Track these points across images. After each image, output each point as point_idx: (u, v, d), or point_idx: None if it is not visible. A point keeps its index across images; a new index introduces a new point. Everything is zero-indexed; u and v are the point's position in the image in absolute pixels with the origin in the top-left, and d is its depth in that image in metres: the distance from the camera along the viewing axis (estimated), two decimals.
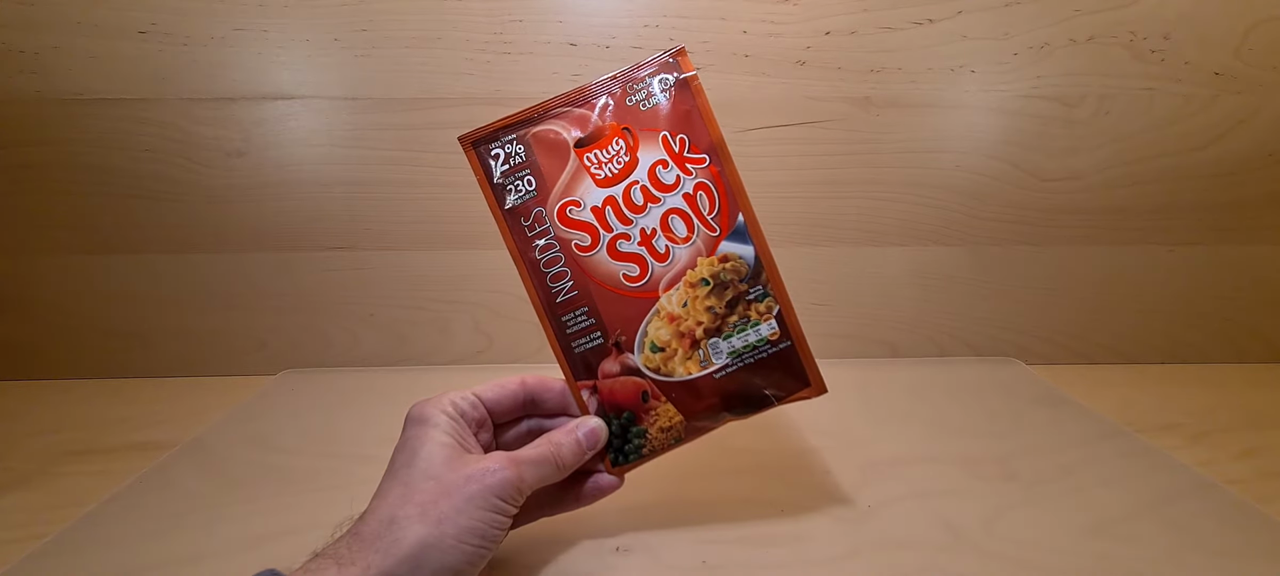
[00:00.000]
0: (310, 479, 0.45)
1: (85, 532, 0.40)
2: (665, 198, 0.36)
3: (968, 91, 0.59)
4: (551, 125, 0.36)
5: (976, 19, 0.58)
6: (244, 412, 0.55)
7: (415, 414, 0.34)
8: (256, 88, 0.58)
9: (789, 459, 0.47)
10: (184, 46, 0.56)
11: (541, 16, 0.57)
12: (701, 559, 0.36)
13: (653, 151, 0.36)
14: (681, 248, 0.36)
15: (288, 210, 0.61)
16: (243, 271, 0.62)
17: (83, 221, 0.60)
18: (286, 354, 0.64)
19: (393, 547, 0.28)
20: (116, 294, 0.62)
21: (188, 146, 0.59)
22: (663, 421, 0.36)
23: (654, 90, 0.36)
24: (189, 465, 0.47)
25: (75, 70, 0.56)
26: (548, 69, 0.58)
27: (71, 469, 0.48)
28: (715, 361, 0.36)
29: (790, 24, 0.57)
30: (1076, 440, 0.49)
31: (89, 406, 0.58)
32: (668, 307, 0.36)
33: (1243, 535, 0.38)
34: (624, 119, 0.36)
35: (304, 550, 0.29)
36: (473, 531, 0.29)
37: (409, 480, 0.30)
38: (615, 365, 0.36)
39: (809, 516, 0.40)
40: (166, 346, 0.64)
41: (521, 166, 0.36)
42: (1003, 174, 0.61)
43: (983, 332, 0.66)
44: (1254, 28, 0.57)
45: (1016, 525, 0.39)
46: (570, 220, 0.36)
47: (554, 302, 0.36)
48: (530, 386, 0.37)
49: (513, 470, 0.31)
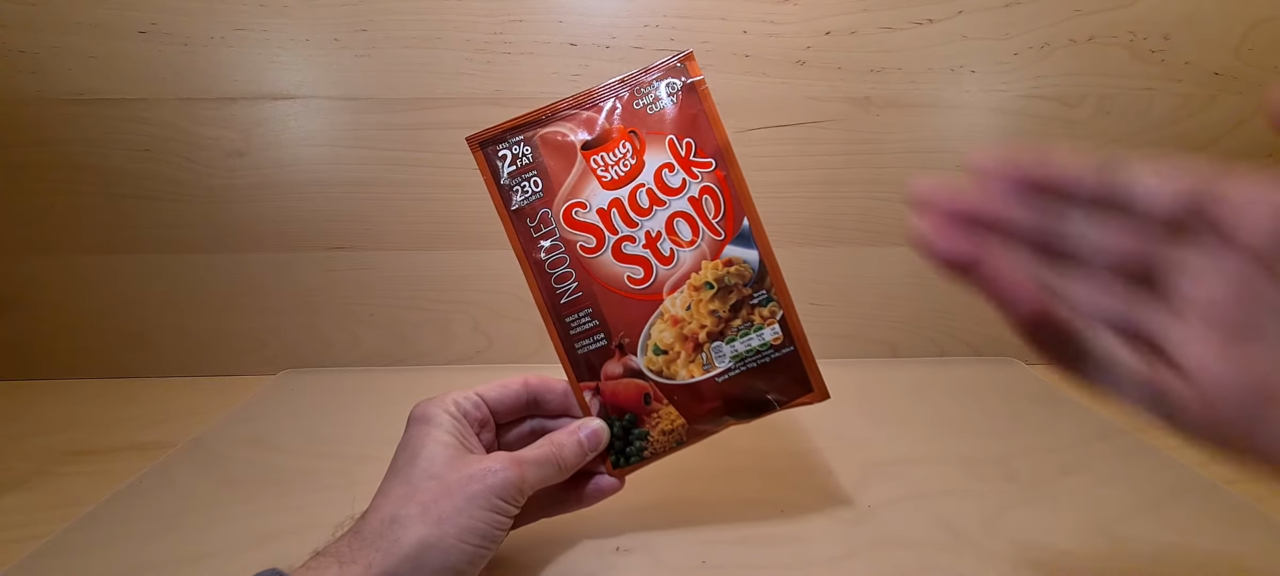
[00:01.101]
0: (310, 479, 0.45)
1: (85, 532, 0.40)
2: (671, 201, 0.36)
3: (968, 91, 0.59)
4: (559, 127, 0.36)
5: (976, 19, 0.58)
6: (244, 413, 0.55)
7: (418, 413, 0.34)
8: (256, 88, 0.58)
9: (789, 459, 0.47)
10: (184, 46, 0.56)
11: (541, 16, 0.57)
12: (701, 559, 0.36)
13: (659, 155, 0.36)
14: (686, 251, 0.36)
15: (288, 210, 0.61)
16: (243, 271, 0.62)
17: (83, 221, 0.60)
18: (286, 354, 0.64)
19: (394, 546, 0.28)
20: (116, 294, 0.62)
21: (188, 146, 0.59)
22: (665, 424, 0.36)
23: (661, 94, 0.36)
24: (189, 465, 0.47)
25: (75, 70, 0.56)
26: (548, 69, 0.58)
27: (71, 469, 0.48)
28: (718, 365, 0.36)
29: (790, 24, 0.57)
30: (1076, 440, 0.49)
31: (89, 406, 0.58)
32: (671, 310, 0.36)
33: (1243, 535, 0.38)
34: (631, 122, 0.36)
35: (304, 550, 0.29)
36: (474, 531, 0.30)
37: (411, 479, 0.31)
38: (618, 367, 0.36)
39: (809, 516, 0.40)
40: (166, 346, 0.64)
41: (528, 167, 0.36)
42: None
43: (983, 333, 0.66)
44: (1254, 28, 0.57)
45: (1016, 525, 0.39)
46: (576, 221, 0.36)
47: (558, 303, 0.36)
48: (533, 387, 0.37)
49: (515, 470, 0.31)
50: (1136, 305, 0.21)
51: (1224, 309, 0.19)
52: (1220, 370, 0.19)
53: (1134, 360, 0.21)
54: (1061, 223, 0.22)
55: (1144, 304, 0.21)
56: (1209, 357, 0.19)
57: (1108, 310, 0.21)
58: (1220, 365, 0.19)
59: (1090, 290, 0.21)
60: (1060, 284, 0.22)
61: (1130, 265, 0.21)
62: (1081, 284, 0.22)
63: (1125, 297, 0.21)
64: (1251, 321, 0.19)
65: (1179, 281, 0.20)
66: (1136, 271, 0.21)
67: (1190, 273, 0.20)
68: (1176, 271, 0.20)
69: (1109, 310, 0.21)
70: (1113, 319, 0.21)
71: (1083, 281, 0.22)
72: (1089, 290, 0.22)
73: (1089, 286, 0.22)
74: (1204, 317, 0.20)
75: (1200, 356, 0.19)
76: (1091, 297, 0.21)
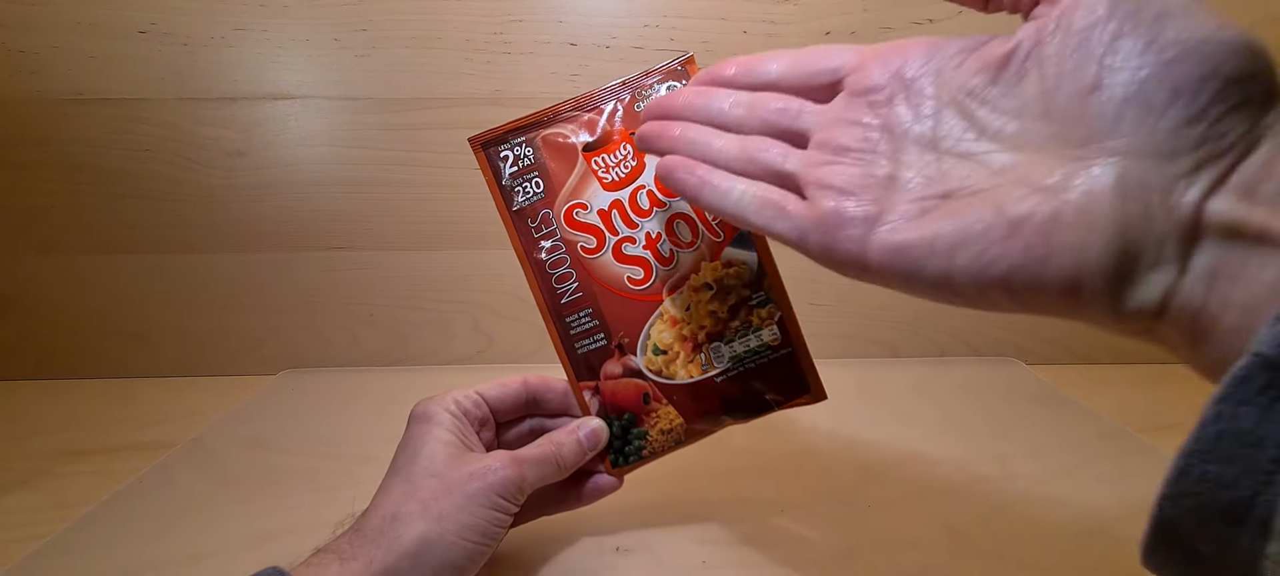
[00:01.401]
0: (310, 479, 0.45)
1: (85, 532, 0.40)
2: (671, 202, 0.36)
3: None
4: (560, 129, 0.36)
5: (977, 19, 0.57)
6: (244, 412, 0.55)
7: (419, 411, 0.34)
8: (256, 88, 0.58)
9: (789, 459, 0.47)
10: (184, 46, 0.56)
11: (541, 16, 0.57)
12: (701, 559, 0.36)
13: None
14: (686, 252, 0.36)
15: (288, 210, 0.61)
16: (243, 271, 0.62)
17: (83, 221, 0.60)
18: (286, 354, 0.64)
19: (394, 543, 0.28)
20: (116, 294, 0.62)
21: (188, 146, 0.59)
22: (663, 423, 0.36)
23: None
24: (188, 465, 0.47)
25: (75, 70, 0.56)
26: (548, 69, 0.58)
27: (71, 469, 0.48)
28: (717, 365, 0.36)
29: (790, 24, 0.57)
30: (1076, 440, 0.49)
31: (89, 406, 0.58)
32: (671, 311, 0.36)
33: None
34: (632, 124, 0.36)
35: (304, 549, 0.29)
36: (474, 528, 0.30)
37: (411, 477, 0.31)
38: (617, 367, 0.36)
39: (809, 516, 0.40)
40: (166, 346, 0.64)
41: (530, 168, 0.36)
42: None
43: (983, 333, 0.66)
44: (1254, 28, 0.57)
45: (1016, 525, 0.39)
46: (577, 222, 0.36)
47: (559, 303, 0.36)
48: (532, 386, 0.38)
49: (514, 469, 0.32)
50: (770, 149, 0.27)
51: (833, 134, 0.25)
52: (825, 174, 0.24)
53: (757, 188, 0.26)
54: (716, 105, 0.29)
55: (779, 147, 0.27)
56: (818, 170, 0.25)
57: (744, 158, 0.27)
58: (826, 171, 0.24)
59: (735, 147, 0.27)
60: (712, 146, 0.28)
61: (773, 126, 0.27)
62: (729, 144, 0.28)
63: (761, 146, 0.27)
64: (852, 143, 0.24)
65: (809, 129, 0.26)
66: (782, 131, 0.27)
67: (816, 120, 0.26)
68: (809, 121, 0.26)
69: (746, 158, 0.27)
70: (748, 165, 0.27)
71: (732, 143, 0.28)
72: (734, 147, 0.27)
73: (736, 144, 0.27)
74: (819, 146, 0.25)
75: (812, 170, 0.25)
76: (733, 154, 0.27)
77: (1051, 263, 0.19)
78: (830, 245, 0.23)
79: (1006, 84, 0.21)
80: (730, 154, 0.27)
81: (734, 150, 0.27)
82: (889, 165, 0.23)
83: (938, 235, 0.21)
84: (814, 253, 0.24)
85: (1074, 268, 0.19)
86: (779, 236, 0.25)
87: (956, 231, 0.21)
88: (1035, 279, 0.19)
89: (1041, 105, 0.20)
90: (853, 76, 0.25)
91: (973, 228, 0.20)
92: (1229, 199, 0.17)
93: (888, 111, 0.24)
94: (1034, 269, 0.19)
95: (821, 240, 0.24)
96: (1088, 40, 0.19)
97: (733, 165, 0.27)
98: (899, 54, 0.24)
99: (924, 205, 0.22)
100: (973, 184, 0.21)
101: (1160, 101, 0.18)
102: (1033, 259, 0.19)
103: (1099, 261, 0.18)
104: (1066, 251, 0.19)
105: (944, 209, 0.21)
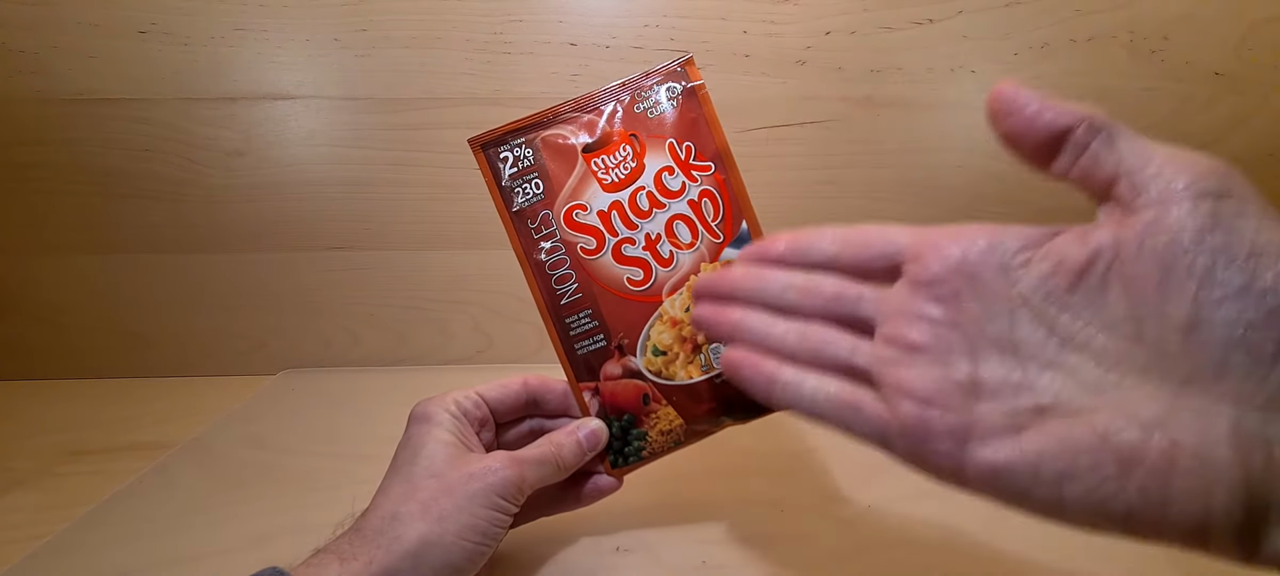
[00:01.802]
0: (310, 479, 0.45)
1: (85, 532, 0.40)
2: (670, 204, 0.36)
3: (968, 91, 0.59)
4: (560, 130, 0.36)
5: (977, 19, 0.58)
6: (244, 412, 0.55)
7: (419, 412, 0.34)
8: (256, 88, 0.58)
9: (789, 459, 0.47)
10: (184, 46, 0.56)
11: (541, 16, 0.57)
12: (701, 559, 0.36)
13: (659, 158, 0.36)
14: (685, 253, 0.36)
15: (288, 210, 0.61)
16: (243, 271, 0.62)
17: (83, 221, 0.60)
18: (286, 354, 0.64)
19: (394, 543, 0.28)
20: (116, 294, 0.62)
21: (188, 146, 0.59)
22: (663, 424, 0.36)
23: (661, 98, 0.36)
24: (189, 465, 0.47)
25: (75, 70, 0.56)
26: (548, 69, 0.58)
27: (71, 469, 0.48)
28: (716, 366, 0.36)
29: (790, 24, 0.57)
30: None
31: (89, 406, 0.58)
32: (670, 312, 0.36)
33: None
34: (631, 126, 0.36)
35: (304, 549, 0.29)
36: (473, 529, 0.30)
37: (411, 477, 0.31)
38: (617, 367, 0.36)
39: (809, 516, 0.40)
40: (166, 346, 0.64)
41: (530, 169, 0.36)
42: (1004, 174, 0.61)
43: None
44: (1254, 28, 0.57)
45: (1016, 525, 0.39)
46: (576, 223, 0.36)
47: (558, 304, 0.36)
48: (532, 387, 0.38)
49: (514, 469, 0.32)
50: (837, 341, 0.25)
51: (901, 330, 0.23)
52: (902, 376, 0.23)
53: (831, 385, 0.25)
54: (771, 288, 0.27)
55: (846, 339, 0.25)
56: (893, 370, 0.23)
57: (810, 349, 0.26)
58: (903, 374, 0.23)
59: (796, 336, 0.26)
60: (772, 335, 0.27)
61: (833, 312, 0.26)
62: (790, 332, 0.26)
63: (826, 337, 0.25)
64: (924, 340, 0.23)
65: (871, 316, 0.25)
66: (842, 317, 0.25)
67: (879, 308, 0.24)
68: (869, 309, 0.25)
69: (811, 349, 0.26)
70: (815, 356, 0.25)
71: (793, 330, 0.26)
72: (795, 336, 0.26)
73: (797, 333, 0.26)
74: (888, 341, 0.23)
75: (887, 369, 0.23)
76: (795, 342, 0.26)
77: (1172, 508, 0.18)
78: (920, 455, 0.22)
79: (1088, 293, 0.20)
80: (791, 343, 0.26)
81: (795, 340, 0.26)
82: (968, 366, 0.22)
83: (1041, 460, 0.20)
84: (900, 457, 0.23)
85: (1199, 515, 0.18)
86: (858, 438, 0.24)
87: (1061, 459, 0.20)
88: (1157, 522, 0.19)
89: (1133, 328, 0.19)
90: (913, 266, 0.24)
91: (1079, 459, 0.19)
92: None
93: (956, 308, 0.22)
94: (1154, 513, 0.19)
95: (909, 448, 0.23)
96: (1175, 269, 0.19)
97: (797, 355, 0.26)
98: (955, 243, 0.23)
99: (1016, 420, 0.21)
100: (1066, 401, 0.20)
101: (1269, 353, 0.17)
102: (1150, 502, 0.18)
103: (1225, 513, 0.18)
104: (1187, 498, 0.18)
105: (1041, 428, 0.20)
